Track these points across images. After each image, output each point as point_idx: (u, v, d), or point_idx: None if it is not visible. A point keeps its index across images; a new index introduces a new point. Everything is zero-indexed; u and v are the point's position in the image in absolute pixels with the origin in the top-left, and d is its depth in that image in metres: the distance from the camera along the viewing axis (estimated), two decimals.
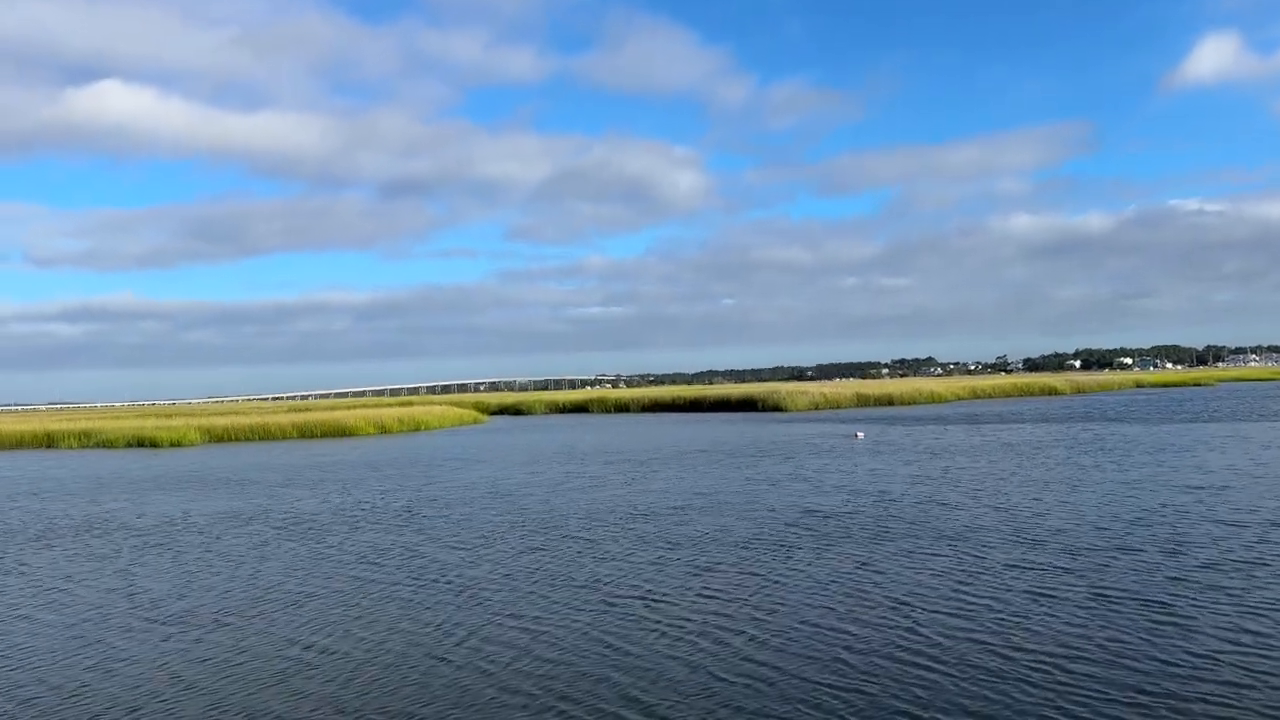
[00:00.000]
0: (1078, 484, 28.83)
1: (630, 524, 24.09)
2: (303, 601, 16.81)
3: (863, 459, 39.41)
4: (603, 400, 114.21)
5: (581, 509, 27.18)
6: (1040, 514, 23.30)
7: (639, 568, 18.61)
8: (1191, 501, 24.44)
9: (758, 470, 36.26)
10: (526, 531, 23.52)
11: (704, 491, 30.26)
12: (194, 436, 69.90)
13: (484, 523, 25.32)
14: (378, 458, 49.34)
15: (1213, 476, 29.39)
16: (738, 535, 21.86)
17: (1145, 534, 20.15)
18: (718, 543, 21.00)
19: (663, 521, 24.30)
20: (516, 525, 24.62)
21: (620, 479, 34.98)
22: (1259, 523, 20.99)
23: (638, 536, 22.17)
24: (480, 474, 38.76)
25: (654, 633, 14.06)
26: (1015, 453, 40.03)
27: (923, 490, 28.63)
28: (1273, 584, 15.56)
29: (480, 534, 23.43)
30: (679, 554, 19.88)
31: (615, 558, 19.70)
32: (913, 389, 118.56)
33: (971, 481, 30.40)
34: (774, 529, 22.56)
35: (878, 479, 31.95)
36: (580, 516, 25.80)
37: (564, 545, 21.36)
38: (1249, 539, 19.21)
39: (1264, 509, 22.84)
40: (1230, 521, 21.28)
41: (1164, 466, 32.79)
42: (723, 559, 19.21)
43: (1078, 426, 56.58)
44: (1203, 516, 22.05)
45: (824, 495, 28.26)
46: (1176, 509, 23.24)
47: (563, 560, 19.61)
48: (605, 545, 21.15)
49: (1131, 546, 18.90)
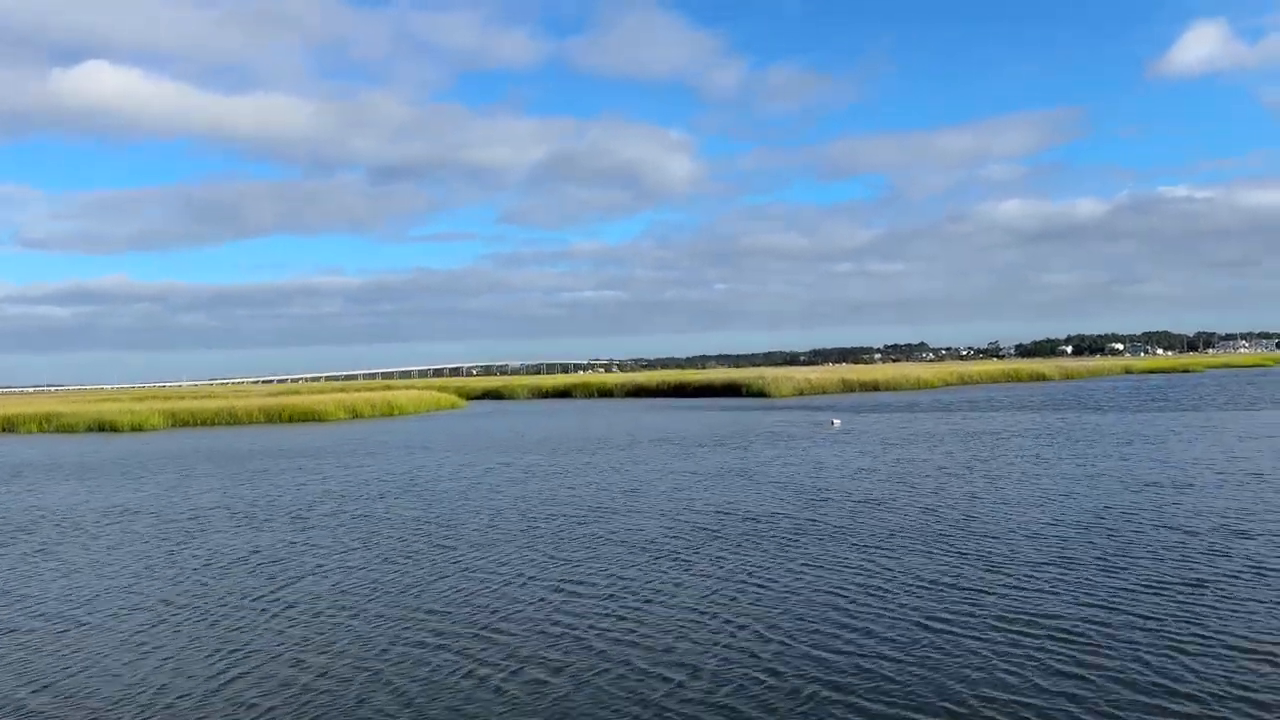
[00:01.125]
0: (1027, 480, 26.17)
1: (527, 526, 21.48)
2: (67, 625, 14.22)
3: (819, 449, 36.78)
4: (586, 385, 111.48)
5: (487, 506, 24.57)
6: (973, 516, 20.65)
7: (493, 583, 15.98)
8: (1145, 504, 21.79)
9: (704, 462, 33.65)
10: (406, 533, 20.91)
11: (632, 487, 27.65)
12: (156, 421, 67.44)
13: (370, 521, 22.72)
14: (328, 444, 46.78)
15: (1175, 473, 26.72)
16: (635, 539, 19.24)
17: (1082, 544, 17.50)
18: (602, 551, 18.38)
19: (564, 523, 21.69)
20: (402, 525, 22.02)
21: (553, 471, 32.38)
22: (1211, 530, 18.33)
23: (523, 543, 19.55)
24: (414, 463, 36.15)
25: (459, 672, 11.46)
26: (977, 443, 37.36)
27: (863, 486, 26.00)
28: (1207, 615, 12.93)
29: (354, 535, 20.82)
30: (551, 567, 17.26)
31: (479, 569, 17.07)
32: (900, 375, 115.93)
33: (918, 475, 27.76)
34: (681, 531, 19.96)
35: (822, 472, 29.33)
36: (480, 515, 23.19)
37: (433, 552, 18.73)
38: (1196, 551, 16.56)
39: (1222, 514, 20.17)
40: (1182, 528, 18.63)
41: (1126, 461, 30.13)
42: (594, 573, 16.57)
43: (1052, 415, 53.89)
44: (1152, 522, 19.40)
45: (757, 491, 25.64)
46: (1125, 513, 20.58)
47: (417, 570, 16.99)
48: (481, 552, 18.54)
49: (1063, 559, 16.26)
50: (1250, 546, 16.80)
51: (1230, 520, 19.29)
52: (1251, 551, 16.42)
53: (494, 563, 17.49)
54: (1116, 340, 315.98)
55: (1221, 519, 19.46)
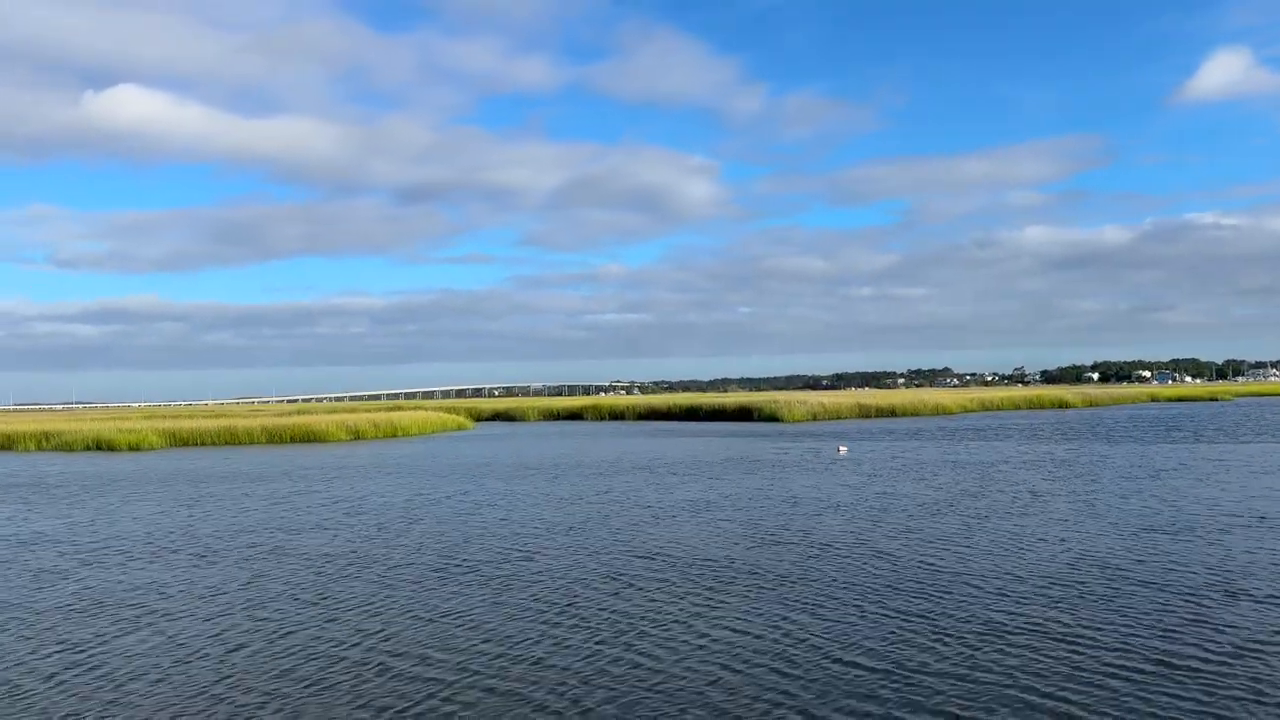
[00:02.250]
0: (1007, 518, 23.26)
1: (446, 561, 18.97)
2: None
3: (802, 479, 33.97)
4: (597, 407, 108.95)
5: (416, 539, 22.09)
6: (932, 565, 17.85)
7: (362, 630, 13.46)
8: (1132, 553, 18.90)
9: (671, 493, 31.01)
10: (322, 569, 18.49)
11: (572, 523, 25.07)
12: (154, 440, 65.74)
13: (293, 553, 20.35)
14: (311, 466, 44.60)
15: (1174, 515, 23.70)
16: (545, 583, 16.65)
17: (1038, 604, 14.70)
18: (504, 595, 15.78)
19: (484, 559, 19.13)
20: (326, 558, 19.60)
21: (503, 500, 29.86)
22: (1201, 589, 15.45)
23: (431, 583, 17.01)
24: (374, 488, 33.78)
25: None
26: (973, 474, 34.37)
27: (825, 524, 23.23)
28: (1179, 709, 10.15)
29: (261, 570, 18.41)
30: (434, 618, 14.70)
31: (360, 608, 14.55)
32: (917, 400, 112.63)
33: (894, 513, 24.93)
34: (599, 571, 17.35)
35: (792, 507, 26.57)
36: (406, 548, 20.73)
37: (334, 586, 16.24)
38: (1181, 620, 13.72)
39: (1216, 569, 17.25)
40: (1171, 586, 15.77)
41: (1127, 500, 27.10)
42: (484, 625, 13.99)
43: (1060, 445, 50.61)
44: (1136, 577, 16.53)
45: (703, 528, 22.97)
46: (1109, 566, 17.72)
47: (301, 616, 14.50)
48: (380, 596, 16.02)
49: (1029, 625, 13.49)
50: (1244, 614, 13.94)
51: (1224, 577, 16.38)
52: (1244, 621, 13.56)
53: (386, 601, 14.97)
54: (1144, 367, 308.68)
55: (1214, 574, 16.56)
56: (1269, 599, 14.75)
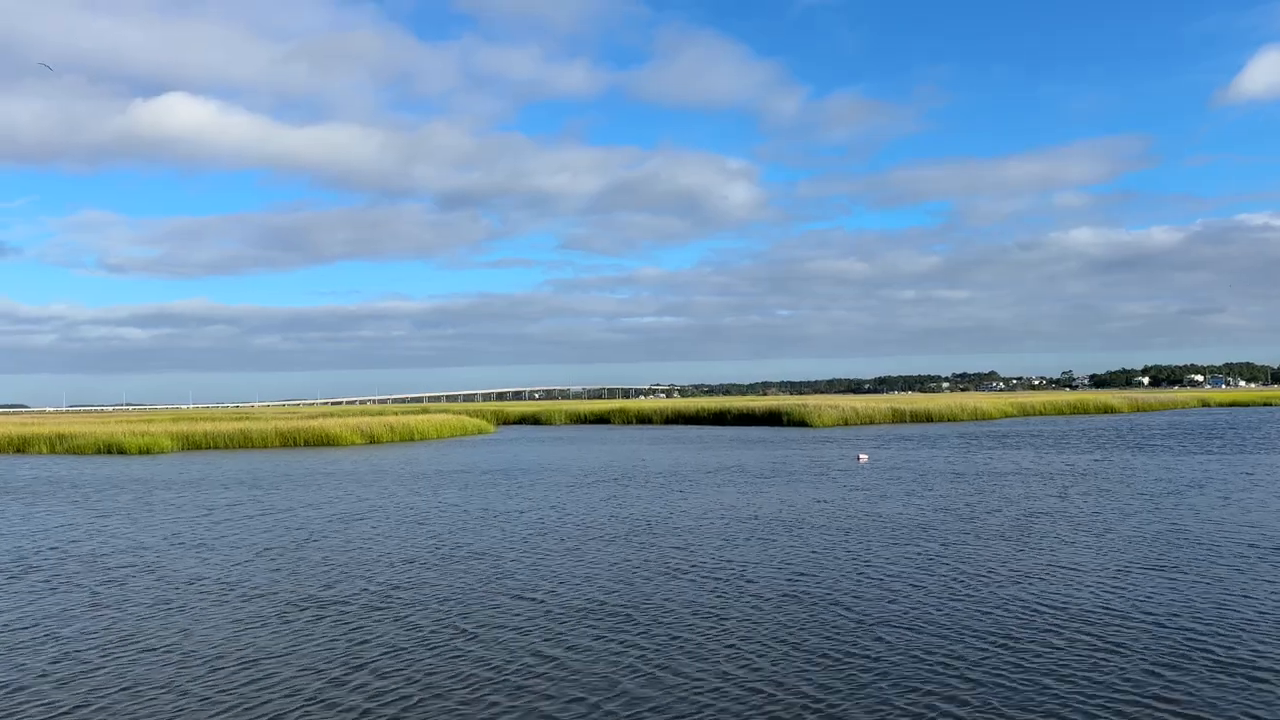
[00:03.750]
0: (984, 543, 20.15)
1: (363, 582, 16.46)
2: None
3: (785, 491, 31.01)
4: (624, 411, 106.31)
5: (354, 555, 19.65)
6: (891, 603, 14.94)
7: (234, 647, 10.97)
8: (1127, 594, 15.80)
9: (638, 505, 28.28)
10: (222, 589, 16.08)
11: (516, 538, 22.49)
12: (166, 444, 64.48)
13: (154, 571, 17.98)
14: (307, 471, 42.65)
15: (1179, 548, 20.39)
16: (454, 620, 14.05)
17: (1010, 660, 11.77)
18: (327, 620, 13.22)
19: (408, 580, 16.60)
20: (234, 579, 17.20)
21: (479, 514, 27.36)
22: (1201, 655, 12.38)
23: (329, 612, 14.51)
24: (343, 495, 31.52)
25: None
26: (968, 489, 31.11)
27: (752, 553, 20.36)
28: None
29: (153, 595, 16.06)
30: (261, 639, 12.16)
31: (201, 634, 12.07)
32: (955, 405, 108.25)
33: (869, 540, 21.94)
34: (428, 617, 14.72)
35: (752, 528, 23.71)
36: (321, 568, 18.31)
37: (156, 614, 13.81)
38: (1164, 692, 10.73)
39: (1218, 622, 14.09)
40: (1174, 650, 12.72)
41: (1144, 521, 23.79)
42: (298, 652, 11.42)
43: (1087, 455, 46.85)
44: (1119, 636, 13.48)
45: (597, 557, 20.23)
46: (1104, 611, 14.65)
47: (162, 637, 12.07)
48: (159, 626, 13.55)
49: (1005, 686, 10.60)
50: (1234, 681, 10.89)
51: (1223, 637, 13.27)
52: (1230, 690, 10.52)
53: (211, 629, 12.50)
54: (1196, 372, 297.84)
55: (1204, 634, 13.44)
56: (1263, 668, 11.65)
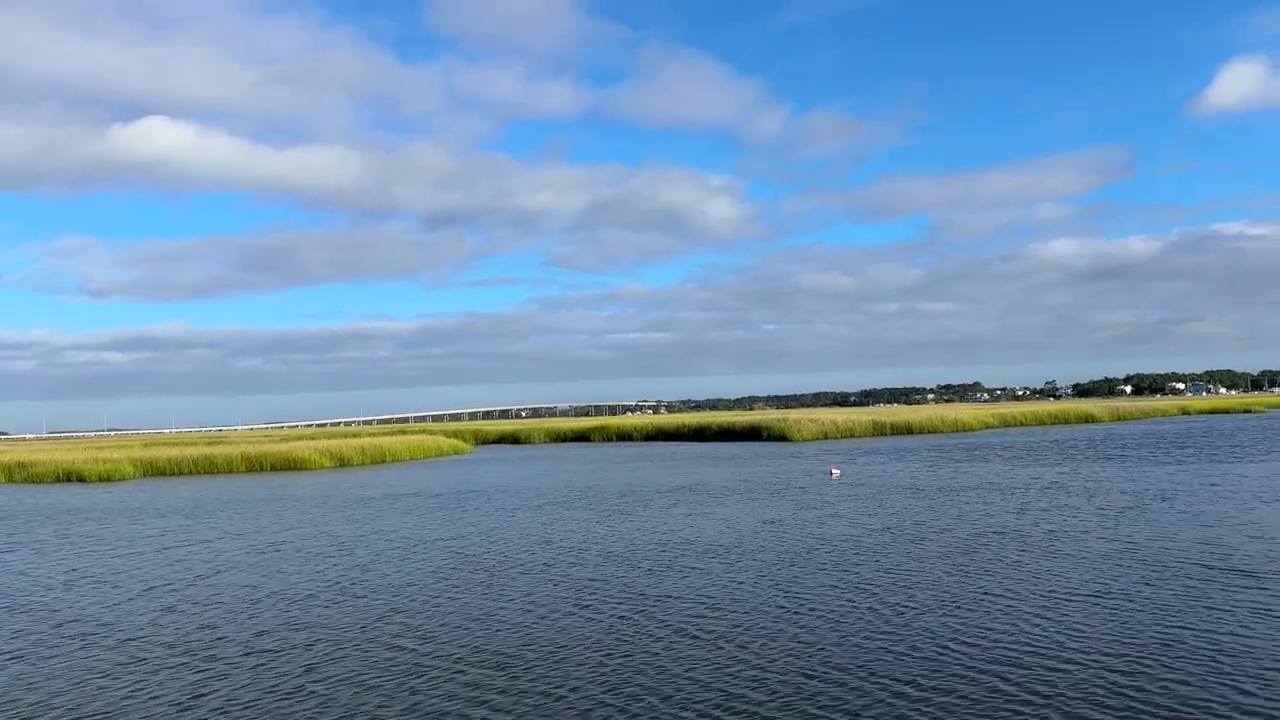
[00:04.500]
0: (947, 563, 18.76)
1: (242, 624, 14.95)
2: None
3: (741, 511, 29.58)
4: (605, 429, 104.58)
5: (247, 593, 18.15)
6: (798, 640, 13.50)
7: None
8: (1063, 624, 14.40)
9: (578, 529, 26.84)
10: (88, 633, 14.52)
11: (453, 574, 21.03)
12: (127, 470, 62.75)
13: (72, 612, 16.45)
14: (256, 497, 41.04)
15: (1137, 577, 19.01)
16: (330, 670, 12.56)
17: None
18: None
19: (288, 623, 15.10)
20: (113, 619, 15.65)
21: (404, 543, 25.87)
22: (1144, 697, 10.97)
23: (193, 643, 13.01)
24: (275, 523, 29.97)
25: None
26: (923, 506, 29.73)
27: (722, 579, 18.93)
28: None
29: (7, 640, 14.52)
30: None
31: None
32: (936, 417, 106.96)
33: (805, 562, 20.53)
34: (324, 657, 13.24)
35: (703, 556, 22.26)
36: (206, 607, 16.78)
37: None
38: None
39: (1166, 660, 12.69)
40: (1095, 698, 11.31)
41: (1097, 540, 22.45)
42: None
43: (1059, 465, 45.53)
44: (1057, 681, 12.08)
45: (562, 590, 18.80)
46: (1028, 648, 13.25)
47: None
48: None
49: None
50: None
51: (1154, 679, 11.87)
52: None
53: None
54: (1177, 380, 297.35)
55: (1149, 671, 12.05)
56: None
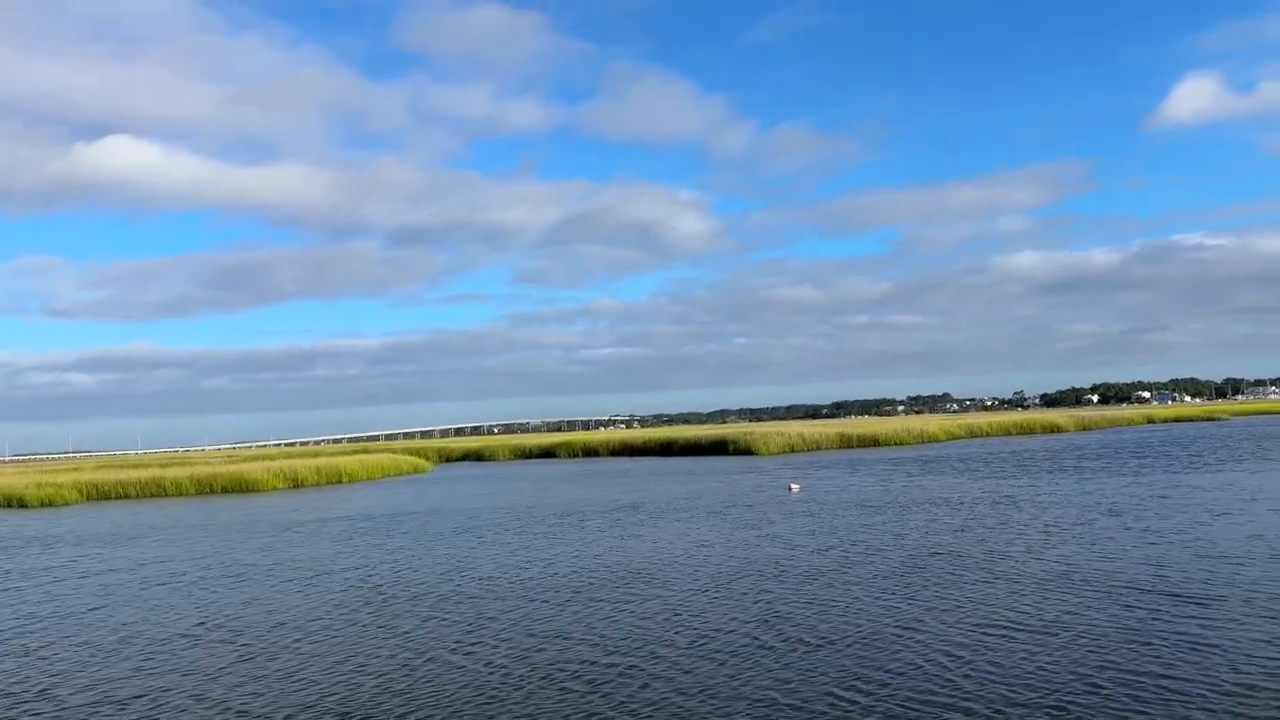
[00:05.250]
0: (872, 589, 17.22)
1: (92, 671, 13.17)
2: None
3: (674, 532, 27.99)
4: (570, 445, 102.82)
5: (115, 635, 16.34)
6: (682, 679, 11.92)
7: None
8: (987, 662, 12.89)
9: (499, 558, 25.18)
10: None
11: (336, 607, 19.29)
12: (69, 495, 60.37)
13: None
14: (185, 523, 39.06)
15: (1070, 602, 17.58)
16: None
17: None
18: None
19: (140, 670, 13.34)
20: None
21: (305, 572, 24.09)
22: None
23: None
24: (183, 552, 28.11)
25: None
26: (877, 521, 28.27)
27: (621, 612, 17.32)
28: None
29: None
30: None
31: None
32: (902, 429, 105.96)
33: (719, 589, 18.96)
34: None
35: (611, 583, 20.65)
36: (62, 650, 14.96)
37: None
38: None
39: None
40: None
41: (1036, 559, 21.05)
42: None
43: (1011, 480, 44.23)
44: None
45: (441, 628, 17.13)
46: (929, 693, 11.71)
47: None
48: None
49: None
50: None
51: None
52: None
53: None
54: (1143, 388, 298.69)
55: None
56: None
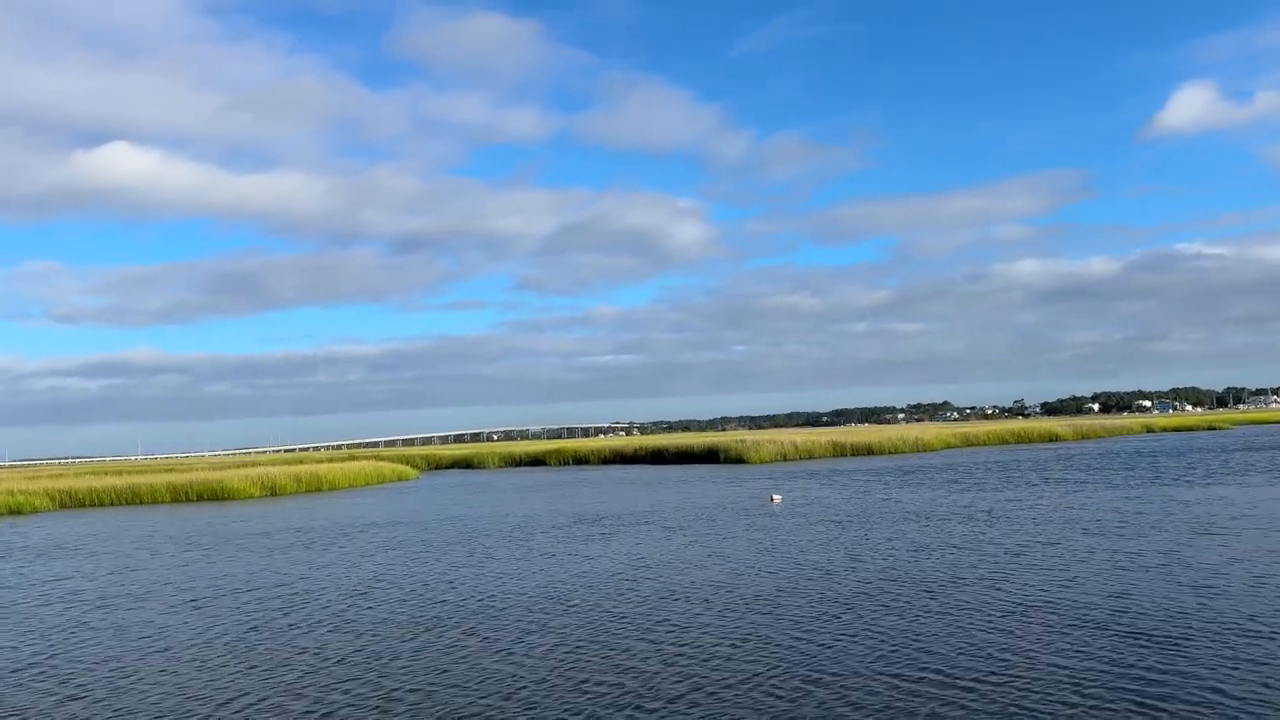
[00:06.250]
0: (817, 621, 15.28)
1: None
2: None
3: (633, 548, 26.06)
4: (561, 452, 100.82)
5: None
6: None
7: None
8: None
9: (436, 575, 23.25)
10: None
11: (239, 629, 17.41)
12: (42, 503, 58.68)
13: None
14: (141, 533, 37.22)
15: (1015, 642, 15.65)
16: None
17: None
18: None
19: None
20: None
21: (229, 589, 22.22)
22: None
23: None
24: (115, 565, 26.25)
25: None
26: (839, 540, 26.31)
27: (541, 641, 15.41)
28: None
29: None
30: None
31: None
32: (897, 438, 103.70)
33: (651, 618, 17.05)
34: None
35: (548, 606, 18.74)
36: None
37: None
38: None
39: None
40: None
41: (993, 588, 19.12)
42: None
43: (999, 490, 42.21)
44: None
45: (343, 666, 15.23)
46: None
47: None
48: None
49: None
50: None
51: None
52: None
53: None
54: (1144, 397, 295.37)
55: None
56: None
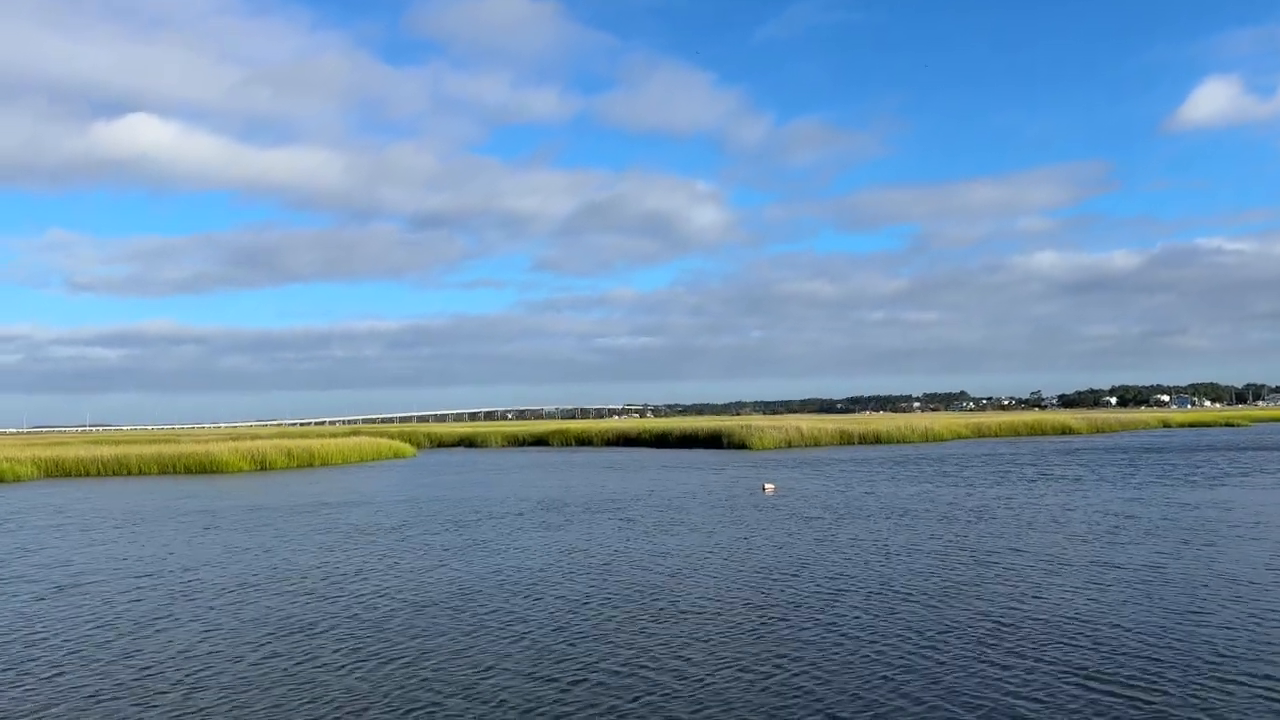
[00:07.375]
0: (761, 635, 13.02)
1: None
2: None
3: (605, 538, 23.84)
4: (563, 433, 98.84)
5: None
6: None
7: None
8: None
9: (395, 559, 21.15)
10: None
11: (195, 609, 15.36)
12: (27, 471, 57.35)
13: None
14: (117, 507, 35.48)
15: (944, 678, 13.28)
16: None
17: None
18: None
19: None
20: None
21: (177, 568, 20.19)
22: None
23: None
24: (44, 542, 24.35)
25: None
26: (819, 535, 23.98)
27: (478, 643, 13.22)
28: None
29: None
30: None
31: None
32: (906, 426, 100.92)
33: (589, 617, 14.83)
34: None
35: (498, 600, 16.57)
36: None
37: None
38: None
39: None
40: None
41: (967, 604, 16.76)
42: None
43: (995, 486, 39.66)
44: None
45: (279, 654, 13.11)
46: None
47: None
48: None
49: None
50: None
51: None
52: None
53: None
54: (1162, 392, 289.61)
55: None
56: None
